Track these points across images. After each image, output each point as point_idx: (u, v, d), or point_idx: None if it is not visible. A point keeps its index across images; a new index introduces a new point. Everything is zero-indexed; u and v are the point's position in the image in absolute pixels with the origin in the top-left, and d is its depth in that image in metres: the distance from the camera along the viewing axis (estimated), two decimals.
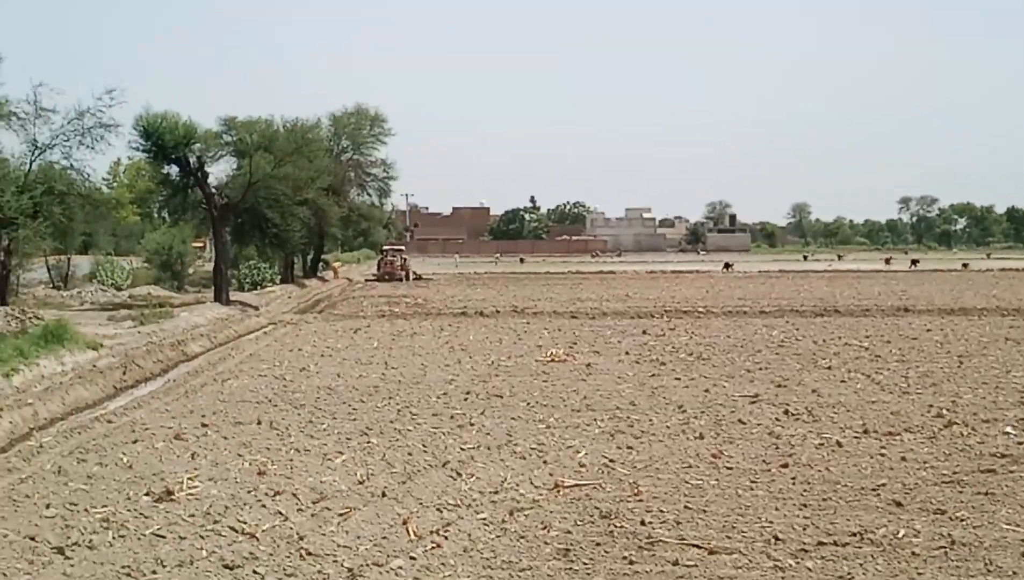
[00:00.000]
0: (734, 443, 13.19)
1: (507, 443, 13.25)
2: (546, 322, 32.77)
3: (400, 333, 29.25)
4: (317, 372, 20.65)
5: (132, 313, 30.33)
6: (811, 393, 17.38)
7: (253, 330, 31.75)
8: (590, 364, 21.57)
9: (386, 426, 14.46)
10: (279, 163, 40.06)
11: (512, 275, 74.77)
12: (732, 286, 56.06)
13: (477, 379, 19.43)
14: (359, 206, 69.53)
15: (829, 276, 69.66)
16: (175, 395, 17.96)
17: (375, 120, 64.84)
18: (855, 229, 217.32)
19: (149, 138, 34.72)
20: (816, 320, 33.20)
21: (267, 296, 44.53)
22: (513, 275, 74.77)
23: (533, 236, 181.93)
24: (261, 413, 15.60)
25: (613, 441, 13.40)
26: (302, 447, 13.00)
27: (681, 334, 28.39)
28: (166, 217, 51.08)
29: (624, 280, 65.89)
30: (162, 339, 25.40)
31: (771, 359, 22.31)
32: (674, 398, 16.92)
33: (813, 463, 12.00)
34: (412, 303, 43.01)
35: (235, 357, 24.15)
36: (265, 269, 51.64)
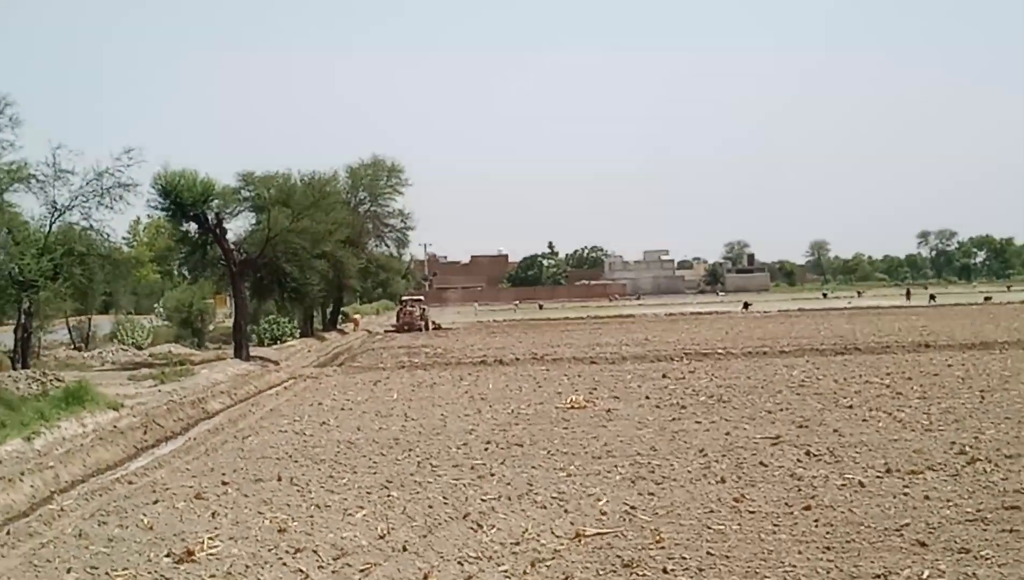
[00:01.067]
0: (756, 486, 13.11)
1: (528, 492, 13.20)
2: (566, 368, 32.71)
3: (420, 384, 29.24)
4: (337, 426, 20.64)
5: (153, 372, 30.43)
6: (833, 433, 17.27)
7: (273, 385, 31.80)
8: (610, 410, 21.49)
9: (406, 479, 14.42)
10: (297, 217, 40.32)
11: (531, 322, 74.78)
12: (752, 326, 55.94)
13: (497, 428, 19.39)
14: (377, 257, 69.77)
15: (849, 313, 69.50)
16: (196, 454, 17.97)
17: (392, 171, 65.17)
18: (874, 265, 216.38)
19: (168, 196, 34.94)
20: (836, 358, 33.05)
21: (287, 350, 44.61)
22: (532, 322, 74.76)
23: (552, 282, 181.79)
24: (281, 469, 15.59)
25: (634, 487, 13.33)
26: (323, 503, 12.98)
27: (701, 376, 28.29)
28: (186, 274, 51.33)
29: (643, 323, 65.81)
30: (182, 397, 25.46)
31: (792, 399, 22.19)
32: (695, 442, 16.84)
33: (836, 504, 11.90)
34: (432, 353, 43.01)
35: (255, 413, 24.18)
36: (285, 323, 51.69)
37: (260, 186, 44.87)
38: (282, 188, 44.98)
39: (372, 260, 67.39)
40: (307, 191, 45.01)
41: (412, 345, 49.38)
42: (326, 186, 48.26)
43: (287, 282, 42.58)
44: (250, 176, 45.88)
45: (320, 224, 42.55)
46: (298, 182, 47.67)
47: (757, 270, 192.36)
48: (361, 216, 63.17)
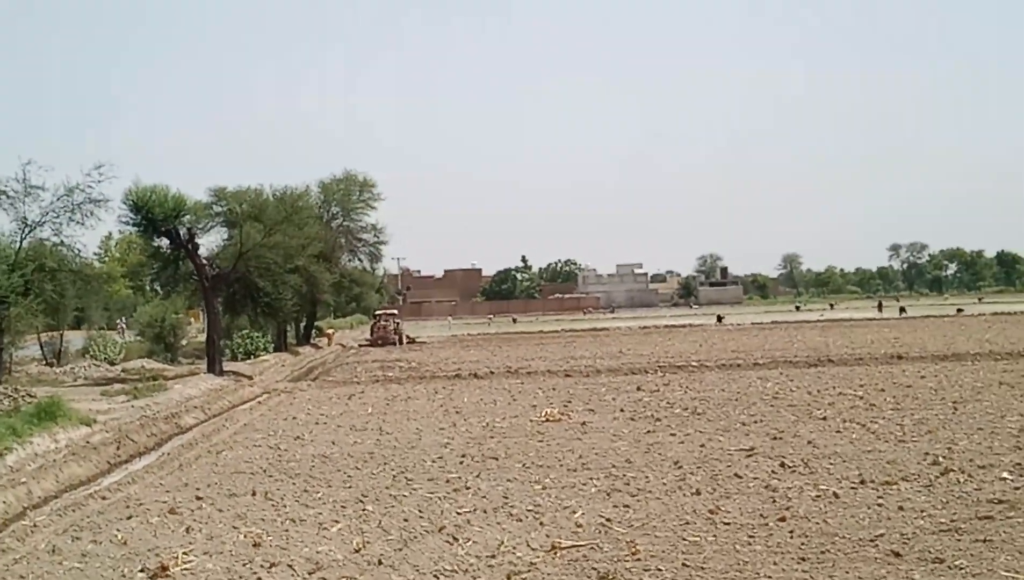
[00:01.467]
0: (731, 498, 13.14)
1: (503, 505, 13.19)
2: (540, 382, 32.72)
3: (394, 398, 29.19)
4: (312, 440, 20.57)
5: (125, 387, 30.24)
6: (807, 444, 17.33)
7: (247, 400, 31.68)
8: (585, 423, 21.50)
9: (382, 492, 14.39)
10: (269, 232, 40.21)
11: (505, 336, 74.82)
12: (725, 339, 56.09)
13: (472, 442, 19.36)
14: (351, 272, 69.71)
15: (822, 326, 69.91)
16: (169, 469, 17.88)
17: (364, 186, 65.17)
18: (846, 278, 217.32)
19: (139, 212, 34.82)
20: (810, 370, 33.18)
21: (261, 365, 44.47)
22: (506, 335, 74.81)
23: (526, 295, 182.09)
24: (256, 484, 15.53)
25: (610, 500, 13.34)
26: (297, 517, 12.93)
27: (676, 389, 28.34)
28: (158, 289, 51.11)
29: (617, 336, 65.93)
30: (156, 412, 25.33)
31: (766, 411, 22.25)
32: (670, 454, 16.86)
33: (810, 515, 11.94)
34: (406, 367, 42.94)
35: (229, 428, 24.08)
36: (258, 338, 51.50)
37: (232, 201, 44.85)
38: (254, 203, 44.96)
39: (345, 274, 67.31)
40: (279, 206, 44.97)
41: (386, 359, 49.29)
42: (298, 201, 48.24)
43: (260, 297, 42.38)
44: (222, 191, 45.88)
45: (293, 239, 42.44)
46: (270, 197, 47.68)
47: (730, 283, 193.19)
48: (334, 231, 63.11)
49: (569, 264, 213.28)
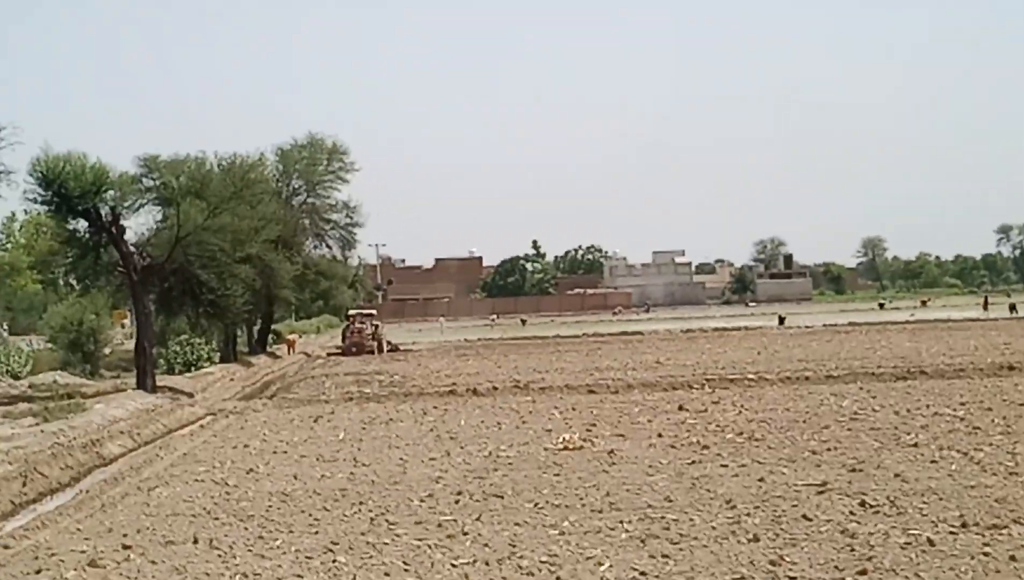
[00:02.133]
0: (797, 546, 13.13)
1: (510, 556, 13.20)
2: (556, 400, 32.74)
3: (372, 420, 29.22)
4: (268, 474, 20.59)
5: (34, 407, 30.27)
6: (894, 478, 17.31)
7: (187, 423, 31.71)
8: (613, 451, 21.50)
9: (356, 540, 14.40)
10: (214, 211, 40.13)
11: (512, 341, 74.82)
12: (790, 345, 56.14)
13: (471, 475, 19.37)
14: (317, 261, 69.70)
15: (912, 328, 69.76)
16: (89, 510, 17.89)
17: (333, 153, 65.16)
18: (943, 267, 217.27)
19: (49, 186, 34.75)
20: (897, 385, 33.14)
21: (204, 379, 44.53)
22: (514, 341, 74.83)
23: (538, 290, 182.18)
24: (198, 529, 15.54)
25: (644, 548, 13.34)
26: (250, 571, 12.95)
27: (727, 408, 28.34)
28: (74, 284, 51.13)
29: (654, 342, 65.99)
30: (72, 439, 25.31)
31: (842, 436, 22.24)
32: (720, 491, 16.86)
33: (898, 568, 11.93)
34: (387, 381, 43.02)
35: (164, 458, 24.10)
36: (200, 345, 51.58)
37: (167, 173, 44.82)
38: (195, 175, 44.98)
39: (310, 265, 67.31)
40: (227, 179, 44.96)
41: (362, 371, 49.40)
42: (250, 172, 48.22)
43: (202, 293, 42.26)
44: (154, 160, 45.79)
45: (243, 220, 42.44)
46: (215, 168, 47.72)
47: (796, 275, 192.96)
48: (295, 210, 63.25)
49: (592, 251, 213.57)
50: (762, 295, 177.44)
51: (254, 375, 52.63)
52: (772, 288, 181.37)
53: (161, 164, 45.64)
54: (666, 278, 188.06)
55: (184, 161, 46.70)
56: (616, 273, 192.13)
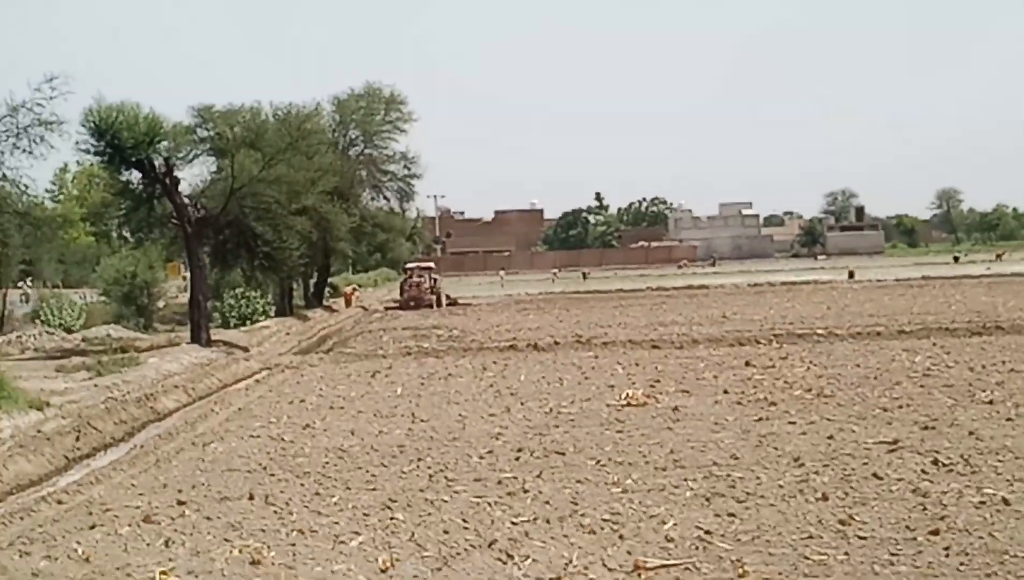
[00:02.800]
0: (868, 505, 13.06)
1: (572, 514, 13.21)
2: (619, 355, 32.71)
3: (431, 375, 29.32)
4: (325, 430, 20.71)
5: (87, 361, 30.61)
6: (968, 436, 17.18)
7: (242, 378, 31.94)
8: (677, 407, 21.48)
9: (415, 497, 14.46)
10: (269, 162, 40.17)
11: (574, 296, 74.74)
12: (861, 300, 55.74)
13: (531, 432, 19.40)
14: (374, 214, 69.60)
15: (988, 282, 69.04)
16: (143, 465, 18.07)
17: (391, 103, 65.02)
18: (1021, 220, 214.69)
19: (102, 137, 34.88)
20: (972, 340, 32.85)
21: (259, 333, 44.78)
22: (576, 295, 74.75)
23: (600, 244, 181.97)
24: (254, 485, 15.66)
25: (709, 507, 13.32)
26: (307, 527, 13.02)
27: (796, 364, 28.22)
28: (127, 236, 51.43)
29: (720, 296, 65.75)
30: (125, 393, 25.57)
31: (914, 393, 22.09)
32: (788, 448, 16.79)
33: (972, 528, 11.84)
34: (445, 336, 43.16)
35: (219, 413, 24.30)
36: (255, 299, 51.83)
37: (221, 123, 44.94)
38: (250, 126, 45.01)
39: (367, 217, 67.25)
40: (282, 129, 44.93)
41: (420, 326, 49.53)
42: (306, 123, 48.16)
43: (257, 246, 42.36)
44: (208, 111, 45.89)
45: (299, 171, 42.46)
46: (270, 118, 47.78)
47: (868, 227, 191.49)
48: (352, 161, 63.20)
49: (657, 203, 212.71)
50: (832, 248, 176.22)
51: (310, 329, 52.90)
52: (843, 241, 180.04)
53: (215, 114, 45.74)
54: (733, 231, 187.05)
55: (239, 111, 46.78)
56: (681, 225, 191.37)
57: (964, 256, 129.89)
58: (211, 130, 44.78)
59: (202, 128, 44.82)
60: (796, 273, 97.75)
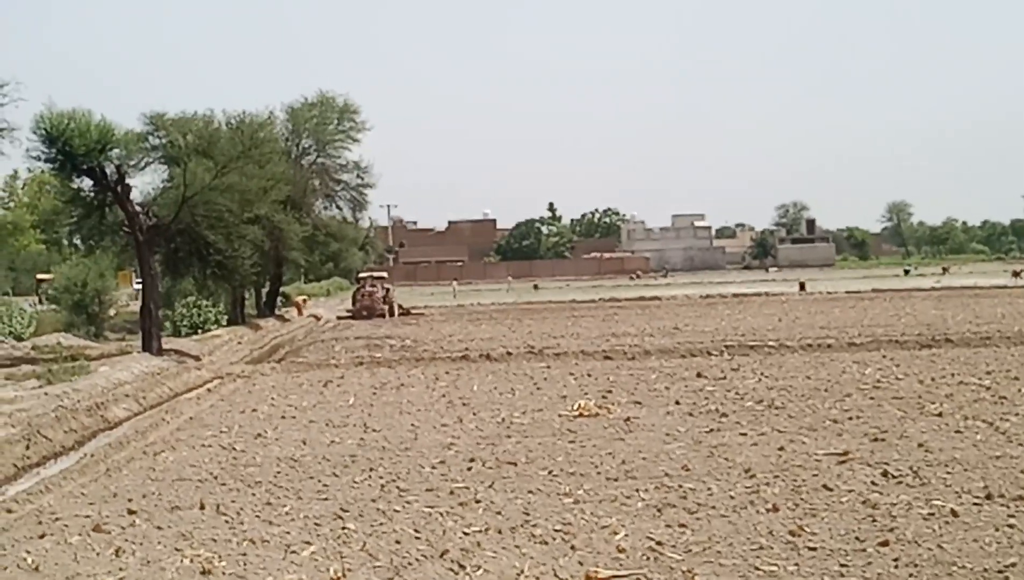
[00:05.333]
0: (818, 516, 13.16)
1: (523, 524, 13.25)
2: (572, 366, 32.78)
3: (383, 385, 29.28)
4: (277, 439, 20.66)
5: (37, 369, 30.37)
6: (917, 448, 17.31)
7: (193, 387, 31.80)
8: (630, 418, 21.54)
9: (366, 506, 14.46)
10: (222, 171, 39.97)
11: (527, 306, 74.79)
12: (812, 312, 56.08)
13: (484, 442, 19.43)
14: (327, 223, 69.40)
15: (938, 295, 69.68)
16: (93, 474, 17.98)
17: (344, 112, 64.86)
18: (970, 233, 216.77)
19: (53, 144, 34.62)
20: (922, 353, 33.13)
21: (211, 342, 44.58)
22: (528, 306, 74.78)
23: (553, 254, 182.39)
24: (205, 494, 15.61)
25: (661, 517, 13.38)
26: (258, 537, 13.00)
27: (747, 376, 28.38)
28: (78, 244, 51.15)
29: (672, 308, 65.95)
30: (76, 402, 25.38)
31: (864, 405, 22.25)
32: (739, 459, 16.88)
33: (921, 539, 11.95)
34: (398, 346, 43.10)
35: (170, 423, 24.17)
36: (207, 308, 51.56)
37: (174, 131, 44.76)
38: (202, 134, 44.85)
39: (320, 226, 67.02)
40: (235, 137, 44.83)
41: (373, 335, 49.42)
42: (259, 131, 48.03)
43: (210, 254, 42.13)
44: (160, 119, 45.72)
45: (252, 180, 42.27)
46: (223, 126, 47.61)
47: (819, 240, 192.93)
48: (305, 170, 63.00)
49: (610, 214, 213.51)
50: (783, 260, 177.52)
51: (262, 338, 52.72)
52: (794, 253, 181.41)
53: (168, 122, 45.57)
54: (685, 242, 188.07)
55: (191, 119, 46.61)
56: (634, 237, 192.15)
57: (914, 269, 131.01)
58: (163, 138, 44.64)
59: (154, 136, 44.67)
60: (748, 285, 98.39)
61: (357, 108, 65.14)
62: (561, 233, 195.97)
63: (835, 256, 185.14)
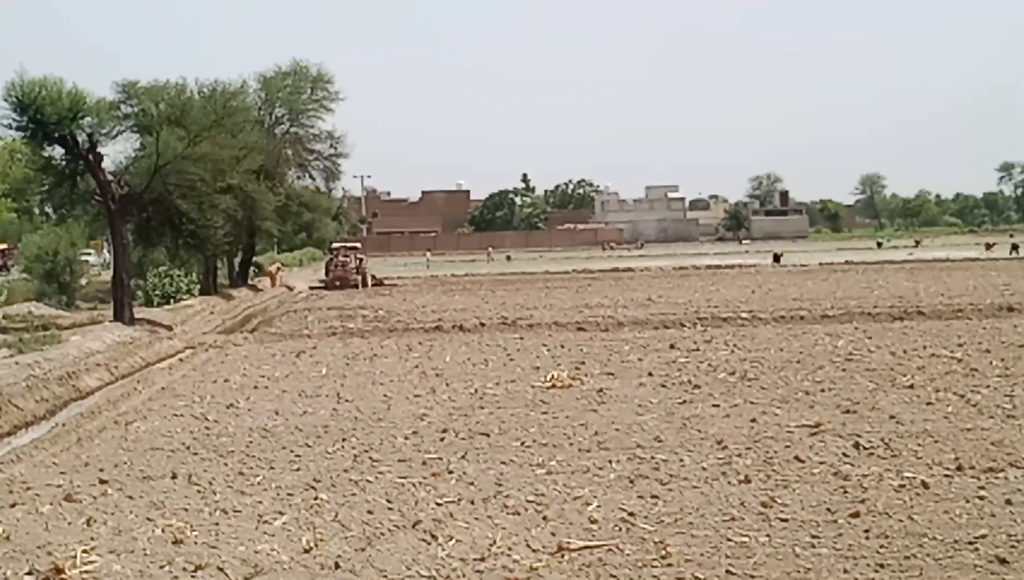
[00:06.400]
0: (789, 487, 13.21)
1: (496, 495, 13.26)
2: (545, 337, 32.80)
3: (356, 356, 29.28)
4: (249, 409, 20.63)
5: (8, 338, 30.24)
6: (888, 419, 17.40)
7: (165, 356, 31.73)
8: (602, 390, 21.56)
9: (339, 477, 14.46)
10: (194, 140, 39.75)
11: (500, 277, 74.64)
12: (785, 284, 56.18)
13: (456, 413, 19.43)
14: (300, 193, 69.28)
15: (910, 267, 69.88)
16: (64, 443, 17.93)
17: (318, 81, 64.64)
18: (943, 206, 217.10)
19: (24, 112, 34.41)
20: (894, 325, 33.26)
21: (183, 312, 44.44)
22: (502, 277, 74.64)
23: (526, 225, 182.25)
24: (176, 464, 15.58)
25: (633, 488, 13.41)
26: (230, 507, 12.99)
27: (720, 347, 28.45)
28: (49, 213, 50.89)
29: (645, 279, 66.07)
30: (47, 371, 25.28)
31: (836, 377, 22.33)
32: (711, 431, 16.93)
33: (892, 510, 12.00)
34: (371, 316, 43.05)
35: (142, 392, 24.14)
36: (179, 277, 51.43)
37: (146, 100, 44.52)
38: (174, 102, 44.55)
39: (293, 196, 66.88)
40: (207, 106, 44.55)
41: (346, 306, 49.39)
42: (232, 100, 47.75)
43: (182, 224, 41.93)
44: (133, 87, 45.50)
45: (224, 149, 42.12)
46: (195, 95, 47.28)
47: (792, 212, 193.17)
48: (278, 139, 62.82)
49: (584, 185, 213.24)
50: (757, 232, 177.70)
51: (235, 308, 52.56)
52: (767, 225, 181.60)
53: (140, 90, 45.31)
54: (658, 214, 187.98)
55: (163, 88, 46.30)
56: (607, 208, 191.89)
57: (887, 242, 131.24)
58: (135, 107, 44.41)
59: (126, 104, 44.44)
60: (721, 257, 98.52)
61: (331, 77, 65.01)
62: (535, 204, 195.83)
63: (808, 228, 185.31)
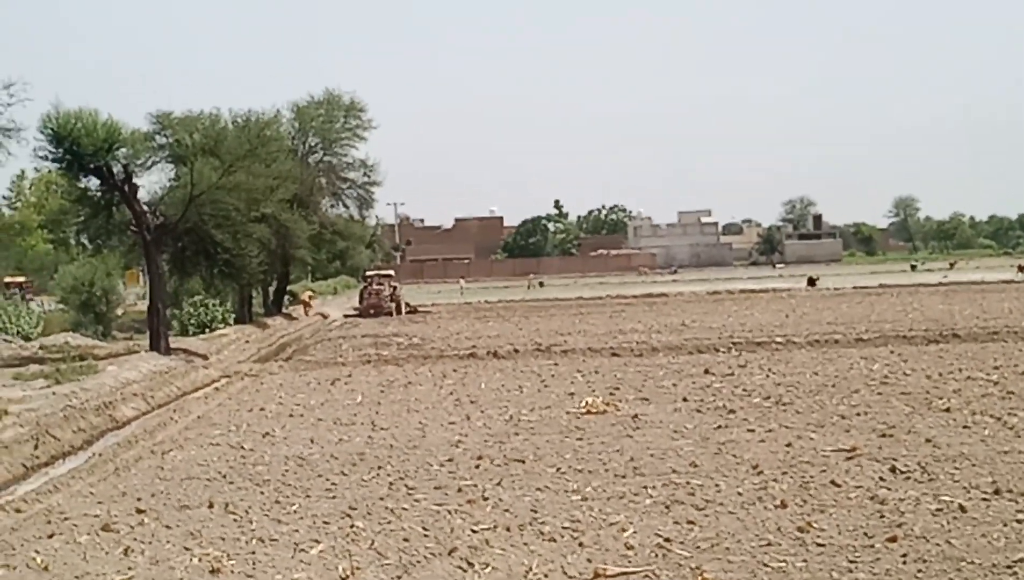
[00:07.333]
0: (826, 512, 13.15)
1: (532, 521, 13.25)
2: (579, 363, 32.75)
3: (391, 383, 29.29)
4: (284, 438, 20.67)
5: (45, 369, 30.38)
6: (925, 443, 17.30)
7: (201, 386, 31.81)
8: (637, 415, 21.53)
9: (375, 505, 14.47)
10: (228, 169, 39.98)
11: (534, 303, 74.61)
12: (820, 308, 55.93)
13: (491, 440, 19.44)
14: (334, 221, 69.44)
15: (945, 290, 69.47)
16: (102, 473, 17.98)
17: (351, 110, 64.82)
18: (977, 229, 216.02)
19: (61, 144, 34.67)
20: (929, 348, 33.09)
21: (218, 341, 44.58)
22: (535, 303, 74.62)
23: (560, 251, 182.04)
24: (213, 493, 15.62)
25: (669, 514, 13.38)
26: (267, 535, 13.01)
27: (755, 372, 28.35)
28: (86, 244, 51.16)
29: (679, 304, 65.89)
30: (84, 401, 25.41)
31: (872, 401, 22.23)
32: (747, 456, 16.88)
33: (929, 535, 11.95)
34: (405, 344, 43.08)
35: (178, 422, 24.19)
36: (214, 307, 51.53)
37: (180, 130, 44.78)
38: (209, 132, 44.83)
39: (327, 225, 67.07)
40: (241, 136, 44.77)
41: (380, 333, 49.40)
42: (266, 129, 48.03)
43: (217, 253, 42.19)
44: (167, 117, 45.75)
45: (258, 178, 42.30)
46: (229, 125, 47.55)
47: (826, 236, 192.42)
48: (312, 168, 62.99)
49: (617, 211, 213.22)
50: (790, 256, 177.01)
51: (270, 337, 52.71)
52: (801, 249, 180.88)
53: (174, 121, 45.60)
54: (692, 238, 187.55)
55: (198, 118, 46.60)
56: (640, 233, 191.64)
57: (921, 264, 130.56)
58: (170, 137, 44.66)
59: (161, 135, 44.72)
60: (755, 281, 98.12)
61: (363, 106, 65.14)
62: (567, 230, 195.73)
63: (842, 252, 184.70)
